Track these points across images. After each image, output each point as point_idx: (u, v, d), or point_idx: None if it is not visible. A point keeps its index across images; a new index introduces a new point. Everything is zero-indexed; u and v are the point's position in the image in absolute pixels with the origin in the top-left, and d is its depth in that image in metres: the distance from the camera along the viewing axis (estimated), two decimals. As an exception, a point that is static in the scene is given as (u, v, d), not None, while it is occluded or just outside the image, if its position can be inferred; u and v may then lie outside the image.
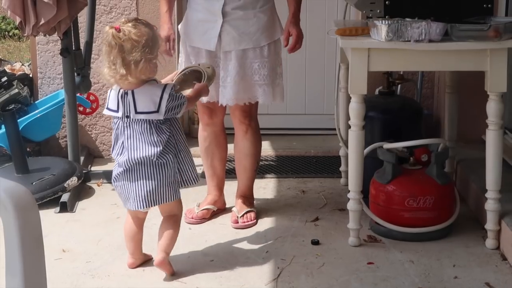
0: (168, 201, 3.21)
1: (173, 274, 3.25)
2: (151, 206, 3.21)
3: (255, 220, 3.83)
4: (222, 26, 3.62)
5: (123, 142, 3.18)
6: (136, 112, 3.12)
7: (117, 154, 3.21)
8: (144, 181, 3.16)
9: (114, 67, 3.06)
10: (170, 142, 3.19)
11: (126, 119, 3.15)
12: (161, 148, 3.14)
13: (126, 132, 3.16)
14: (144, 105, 3.11)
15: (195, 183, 3.30)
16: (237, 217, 3.81)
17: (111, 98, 3.19)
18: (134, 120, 3.14)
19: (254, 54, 3.67)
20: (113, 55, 3.06)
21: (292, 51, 3.75)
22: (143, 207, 3.19)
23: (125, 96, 3.13)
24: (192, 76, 3.41)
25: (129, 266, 3.34)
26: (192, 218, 3.86)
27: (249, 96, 3.71)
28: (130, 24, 3.08)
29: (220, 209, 3.98)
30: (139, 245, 3.35)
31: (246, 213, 3.83)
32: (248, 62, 3.66)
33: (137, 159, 3.14)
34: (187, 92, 3.29)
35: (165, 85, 3.15)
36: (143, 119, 3.12)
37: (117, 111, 3.16)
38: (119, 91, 3.15)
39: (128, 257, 3.36)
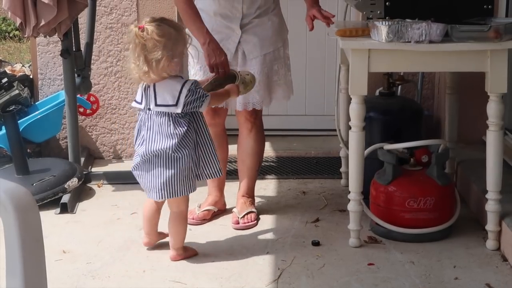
0: (183, 194, 3.33)
1: (197, 254, 3.46)
2: (167, 198, 3.33)
3: (255, 221, 3.83)
4: (241, 37, 3.70)
5: (143, 134, 3.30)
6: (156, 105, 3.24)
7: (138, 145, 3.33)
8: (159, 172, 3.28)
9: (138, 63, 3.19)
10: (188, 137, 3.28)
11: (148, 111, 3.28)
12: (177, 140, 3.23)
13: (147, 124, 3.29)
14: (163, 98, 3.23)
15: (219, 175, 3.44)
16: (238, 218, 3.81)
17: (138, 91, 3.34)
18: (154, 113, 3.25)
19: (274, 56, 3.78)
20: (137, 53, 3.20)
21: (328, 21, 3.69)
22: (159, 198, 3.32)
23: (148, 89, 3.27)
24: (228, 80, 3.50)
25: (145, 245, 3.51)
26: (193, 219, 3.85)
27: (271, 97, 3.83)
28: (154, 24, 3.20)
29: (220, 210, 3.99)
30: (155, 226, 3.50)
31: (246, 214, 3.83)
32: (269, 65, 3.76)
33: (154, 151, 3.26)
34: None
35: (186, 80, 3.26)
36: (162, 112, 3.23)
37: (141, 103, 3.30)
38: (143, 84, 3.29)
39: (143, 237, 3.51)
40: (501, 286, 3.14)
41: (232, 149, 4.11)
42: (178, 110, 3.21)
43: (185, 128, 3.25)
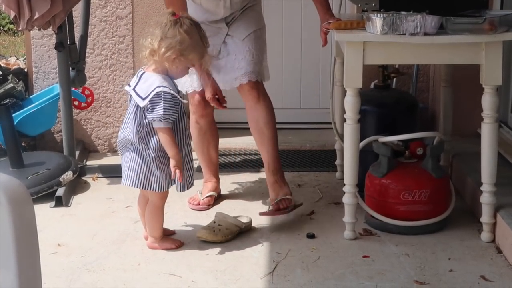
0: (149, 189, 3.37)
1: (180, 246, 3.48)
2: (130, 185, 3.37)
3: (290, 208, 3.75)
4: (228, 31, 3.79)
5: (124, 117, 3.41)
6: (133, 88, 3.31)
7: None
8: (129, 157, 3.36)
9: (152, 41, 3.26)
10: (153, 139, 3.30)
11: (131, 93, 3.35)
12: (132, 134, 3.29)
13: (128, 108, 3.36)
14: (140, 87, 3.29)
15: (188, 188, 3.44)
16: (276, 203, 3.75)
17: (135, 76, 3.40)
18: (131, 97, 3.32)
19: (260, 34, 3.85)
20: (157, 31, 3.26)
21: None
22: (124, 183, 3.40)
23: (139, 74, 3.34)
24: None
25: (145, 239, 3.53)
26: (199, 204, 3.97)
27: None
28: (189, 21, 3.29)
29: (218, 195, 4.11)
30: None
31: (282, 199, 3.77)
32: (259, 42, 3.82)
33: (121, 137, 3.37)
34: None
35: (165, 86, 3.25)
36: (134, 100, 3.30)
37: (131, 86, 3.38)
38: (140, 70, 3.37)
39: (143, 231, 3.55)
40: (495, 278, 3.14)
41: (225, 142, 4.13)
42: (141, 104, 3.26)
43: (149, 129, 3.29)
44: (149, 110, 3.25)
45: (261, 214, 3.73)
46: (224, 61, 3.78)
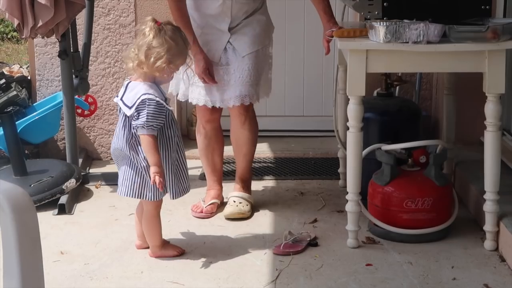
0: (143, 198, 3.36)
1: (181, 254, 3.46)
2: (125, 195, 3.36)
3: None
4: (230, 38, 3.77)
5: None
6: (120, 99, 3.30)
7: None
8: (123, 169, 3.35)
9: (137, 52, 3.23)
10: (137, 144, 3.29)
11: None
12: (125, 143, 3.28)
13: (119, 118, 3.34)
14: (127, 96, 3.28)
15: (183, 194, 3.44)
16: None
17: (122, 87, 3.37)
18: (119, 108, 3.32)
19: (263, 53, 3.85)
20: (141, 42, 3.22)
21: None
22: (119, 193, 3.39)
23: (126, 84, 3.32)
24: None
25: (137, 247, 3.53)
26: (202, 212, 3.97)
27: (259, 93, 3.87)
28: (171, 27, 3.27)
29: (221, 202, 4.10)
30: None
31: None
32: (260, 62, 3.82)
33: (114, 148, 3.36)
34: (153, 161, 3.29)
35: (150, 93, 3.23)
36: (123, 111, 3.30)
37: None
38: (127, 80, 3.35)
39: (136, 239, 3.55)
40: (499, 286, 3.14)
41: (229, 149, 4.13)
42: (128, 113, 3.25)
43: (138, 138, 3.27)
44: (134, 118, 3.24)
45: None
46: (223, 70, 3.78)
